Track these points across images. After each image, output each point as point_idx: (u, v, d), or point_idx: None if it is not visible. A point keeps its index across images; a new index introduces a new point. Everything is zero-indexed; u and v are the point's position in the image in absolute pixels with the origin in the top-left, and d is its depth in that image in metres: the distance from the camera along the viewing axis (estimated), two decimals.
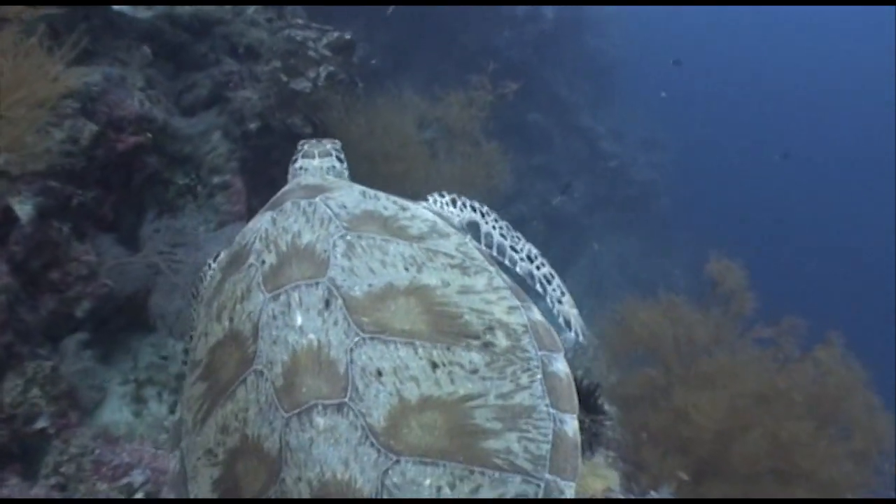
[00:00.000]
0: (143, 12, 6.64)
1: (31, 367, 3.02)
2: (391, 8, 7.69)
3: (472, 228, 2.36)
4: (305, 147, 2.42)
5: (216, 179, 5.53)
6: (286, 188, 2.15)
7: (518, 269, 2.32)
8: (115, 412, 4.22)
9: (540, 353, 1.73)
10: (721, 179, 21.21)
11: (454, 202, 2.36)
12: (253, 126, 5.76)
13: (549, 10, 10.99)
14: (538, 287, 2.37)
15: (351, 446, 1.46)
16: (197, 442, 1.71)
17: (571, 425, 1.65)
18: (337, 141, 2.50)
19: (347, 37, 6.61)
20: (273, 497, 1.49)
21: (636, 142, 13.96)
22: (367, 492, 1.43)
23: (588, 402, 4.28)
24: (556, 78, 12.26)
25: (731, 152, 22.84)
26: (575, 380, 1.76)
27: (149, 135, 4.08)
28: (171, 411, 4.37)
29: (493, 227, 2.34)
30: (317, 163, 2.33)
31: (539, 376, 1.67)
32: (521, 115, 11.62)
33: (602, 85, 14.01)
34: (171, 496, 1.76)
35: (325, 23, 9.29)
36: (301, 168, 2.33)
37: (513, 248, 2.34)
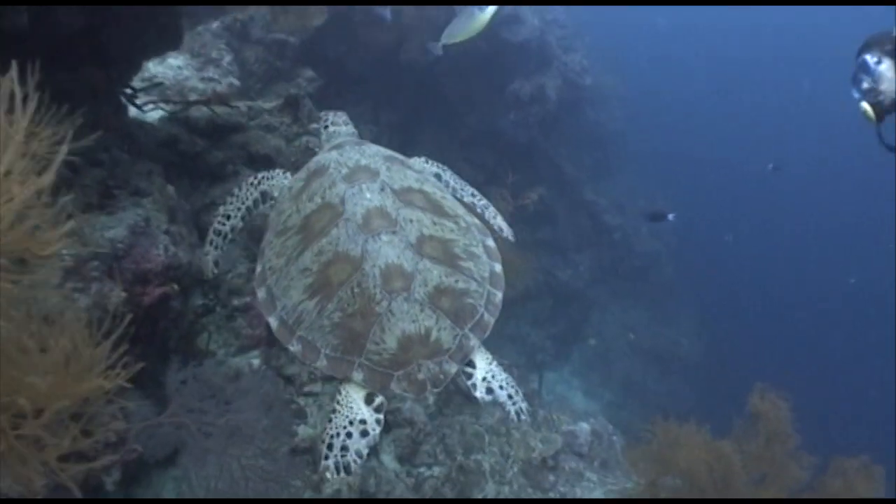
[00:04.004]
0: (158, 117, 6.64)
1: None
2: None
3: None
4: (330, 118, 3.64)
5: (236, 301, 5.44)
6: (337, 141, 3.45)
7: (465, 199, 3.55)
8: None
9: (479, 235, 3.04)
10: (724, 245, 21.20)
11: (427, 161, 3.58)
12: None
13: (552, 91, 11.13)
14: (478, 210, 3.60)
15: (400, 249, 2.73)
16: (290, 270, 2.81)
17: (499, 268, 2.96)
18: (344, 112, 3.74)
19: None
20: (356, 279, 2.66)
21: (638, 212, 14.03)
22: (409, 269, 2.68)
23: None
24: (559, 153, 12.36)
25: (733, 216, 22.92)
26: None
27: (175, 286, 3.98)
28: None
29: (450, 178, 3.58)
30: (344, 129, 3.59)
31: (481, 244, 2.99)
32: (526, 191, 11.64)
33: (601, 157, 14.14)
34: (263, 315, 2.84)
35: (333, 105, 9.33)
36: (335, 133, 3.56)
37: (462, 189, 3.58)
